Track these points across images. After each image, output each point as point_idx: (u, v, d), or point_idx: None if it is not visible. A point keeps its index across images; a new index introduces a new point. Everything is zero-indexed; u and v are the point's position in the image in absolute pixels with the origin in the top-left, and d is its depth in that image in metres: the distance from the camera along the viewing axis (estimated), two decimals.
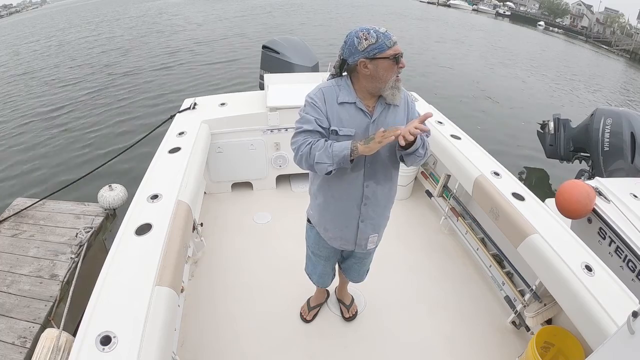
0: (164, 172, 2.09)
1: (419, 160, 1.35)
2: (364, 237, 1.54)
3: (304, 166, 1.32)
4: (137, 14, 23.18)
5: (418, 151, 1.30)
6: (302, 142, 1.28)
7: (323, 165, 1.24)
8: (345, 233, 1.52)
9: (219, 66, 10.42)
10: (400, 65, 1.24)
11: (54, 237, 2.77)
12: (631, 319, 0.81)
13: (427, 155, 1.39)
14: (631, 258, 2.31)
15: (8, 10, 56.27)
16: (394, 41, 1.22)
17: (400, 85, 1.29)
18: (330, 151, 1.22)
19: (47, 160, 5.64)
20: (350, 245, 1.57)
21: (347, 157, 1.21)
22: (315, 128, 1.29)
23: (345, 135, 1.29)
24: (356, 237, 1.53)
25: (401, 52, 1.23)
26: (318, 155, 1.24)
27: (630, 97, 13.11)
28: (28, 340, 2.08)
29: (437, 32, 20.20)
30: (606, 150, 4.16)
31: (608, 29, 44.19)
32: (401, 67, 1.25)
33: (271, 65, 4.28)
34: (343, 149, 1.21)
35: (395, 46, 1.22)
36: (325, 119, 1.30)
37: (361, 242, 1.55)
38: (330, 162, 1.23)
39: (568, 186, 2.52)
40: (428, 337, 2.01)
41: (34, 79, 9.94)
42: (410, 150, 1.28)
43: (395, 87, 1.27)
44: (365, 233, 1.52)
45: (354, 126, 1.30)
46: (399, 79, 1.27)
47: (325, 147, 1.24)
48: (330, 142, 1.26)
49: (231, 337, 1.96)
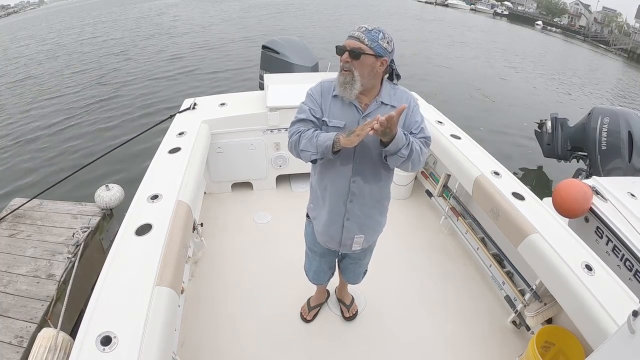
0: (164, 172, 2.08)
1: (405, 163, 1.28)
2: (349, 237, 1.53)
3: (293, 153, 1.38)
4: (136, 15, 23.08)
5: (401, 152, 1.23)
6: (294, 131, 1.35)
7: (307, 153, 1.31)
8: (331, 229, 1.52)
9: (218, 66, 10.40)
10: (341, 58, 1.25)
11: (51, 237, 2.75)
12: (631, 319, 0.81)
13: (416, 160, 1.30)
14: (628, 257, 2.32)
15: (6, 11, 55.95)
16: (349, 35, 1.25)
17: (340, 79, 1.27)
18: (315, 141, 1.28)
19: (46, 161, 5.63)
20: (335, 244, 1.57)
21: (329, 147, 1.25)
22: (309, 117, 1.34)
23: (334, 127, 1.33)
24: (341, 235, 1.52)
25: (344, 46, 1.24)
26: (304, 144, 1.31)
27: (627, 96, 13.17)
28: (25, 339, 2.08)
29: (435, 32, 20.23)
30: (603, 149, 4.18)
31: (606, 28, 44.35)
32: (342, 60, 1.25)
33: (271, 65, 4.28)
34: (327, 140, 1.25)
35: (347, 39, 1.25)
36: (320, 110, 1.35)
37: (346, 241, 1.54)
38: (315, 151, 1.28)
39: (565, 185, 2.53)
40: (428, 337, 2.01)
41: (36, 82, 9.88)
42: (391, 149, 1.22)
43: (337, 78, 1.28)
44: (351, 232, 1.51)
45: (344, 119, 1.32)
46: (341, 72, 1.27)
47: (312, 136, 1.29)
48: (317, 132, 1.30)
49: (231, 337, 1.96)
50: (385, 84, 1.35)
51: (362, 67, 1.24)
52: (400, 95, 1.36)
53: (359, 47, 1.22)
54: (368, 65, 1.24)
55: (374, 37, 1.23)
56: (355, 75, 1.25)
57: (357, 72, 1.24)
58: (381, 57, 1.25)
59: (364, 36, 1.22)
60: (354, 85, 1.26)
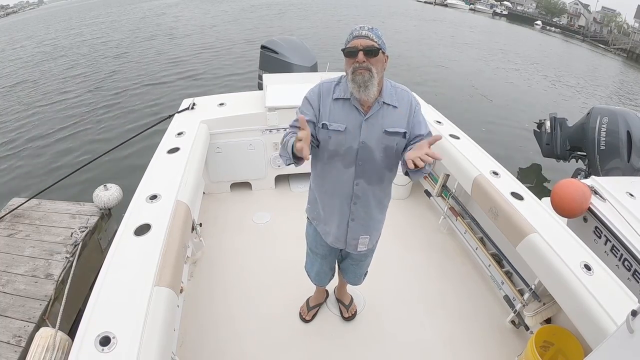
0: (163, 172, 2.08)
1: (426, 173, 1.33)
2: (353, 237, 1.54)
3: None
4: (137, 15, 23.02)
5: (425, 168, 1.23)
6: (283, 136, 1.38)
7: (283, 158, 1.35)
8: (336, 230, 1.53)
9: (218, 66, 10.39)
10: (356, 59, 1.23)
11: (49, 237, 2.75)
12: (630, 318, 0.81)
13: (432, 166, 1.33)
14: (627, 257, 2.32)
15: (5, 11, 55.79)
16: (354, 35, 1.25)
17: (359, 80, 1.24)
18: (286, 147, 1.31)
19: (45, 160, 5.61)
20: (341, 243, 1.58)
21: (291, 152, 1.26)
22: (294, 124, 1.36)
23: (335, 130, 1.32)
24: (346, 235, 1.53)
25: (356, 47, 1.22)
26: (281, 149, 1.35)
27: (626, 95, 13.19)
28: (23, 339, 2.08)
29: (434, 32, 20.23)
30: (602, 149, 4.17)
31: (605, 28, 44.40)
32: (357, 61, 1.23)
33: (270, 65, 4.27)
34: (290, 145, 1.27)
35: (353, 40, 1.24)
36: (314, 114, 1.34)
37: (351, 241, 1.55)
38: (288, 156, 1.30)
39: (563, 185, 2.53)
40: (427, 337, 2.01)
41: (35, 82, 9.85)
42: (425, 168, 1.24)
43: (354, 81, 1.25)
44: (356, 233, 1.52)
45: (345, 122, 1.32)
46: (357, 73, 1.23)
47: (286, 142, 1.32)
48: (288, 138, 1.31)
49: (230, 336, 1.96)
50: (386, 83, 1.34)
51: (377, 63, 1.25)
52: (401, 94, 1.36)
53: (372, 45, 1.22)
54: (381, 62, 1.27)
55: (378, 34, 1.25)
56: (373, 73, 1.24)
57: (374, 69, 1.24)
58: (384, 54, 1.28)
59: (372, 34, 1.24)
60: (374, 84, 1.25)
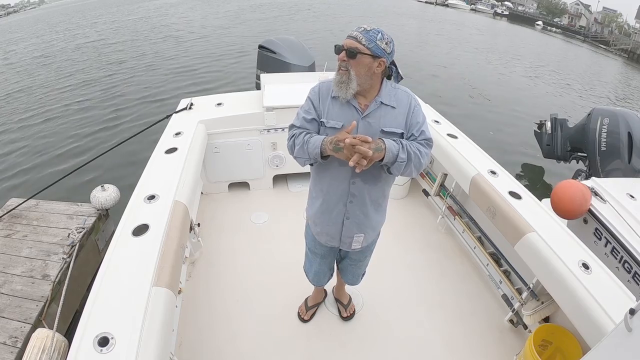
0: (161, 172, 2.08)
1: (407, 167, 1.29)
2: (348, 235, 1.53)
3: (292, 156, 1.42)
4: (138, 15, 23.05)
5: (399, 157, 1.24)
6: (289, 136, 1.40)
7: (301, 159, 1.38)
8: (331, 229, 1.53)
9: (219, 67, 10.40)
10: (338, 57, 1.26)
11: (46, 238, 2.75)
12: (628, 317, 0.81)
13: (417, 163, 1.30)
14: (627, 259, 2.31)
15: (6, 10, 55.88)
16: (348, 34, 1.26)
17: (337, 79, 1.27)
18: (305, 148, 1.32)
19: (43, 161, 5.60)
20: (336, 241, 1.58)
21: (318, 155, 1.30)
22: (303, 125, 1.37)
23: (332, 128, 1.33)
24: (341, 233, 1.53)
25: (341, 45, 1.26)
26: (297, 150, 1.36)
27: (627, 96, 13.18)
28: (19, 340, 2.08)
29: (434, 32, 20.24)
30: (603, 150, 4.16)
31: (606, 28, 44.41)
32: (341, 59, 1.26)
33: (267, 65, 4.26)
34: (315, 147, 1.29)
35: (345, 39, 1.26)
36: (315, 112, 1.37)
37: (346, 239, 1.55)
38: (307, 157, 1.34)
39: (563, 186, 2.52)
40: (426, 336, 2.00)
41: (35, 83, 9.86)
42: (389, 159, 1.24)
43: (337, 79, 1.28)
44: (350, 231, 1.52)
45: (342, 120, 1.32)
46: (338, 72, 1.27)
47: (303, 142, 1.33)
48: (307, 138, 1.32)
49: (229, 337, 1.95)
50: (386, 85, 1.34)
51: (358, 66, 1.24)
52: (401, 95, 1.35)
53: (355, 47, 1.23)
54: (364, 65, 1.24)
55: (372, 37, 1.23)
56: (351, 75, 1.25)
57: (353, 71, 1.25)
58: (379, 58, 1.25)
59: (362, 36, 1.23)
60: (350, 85, 1.26)
